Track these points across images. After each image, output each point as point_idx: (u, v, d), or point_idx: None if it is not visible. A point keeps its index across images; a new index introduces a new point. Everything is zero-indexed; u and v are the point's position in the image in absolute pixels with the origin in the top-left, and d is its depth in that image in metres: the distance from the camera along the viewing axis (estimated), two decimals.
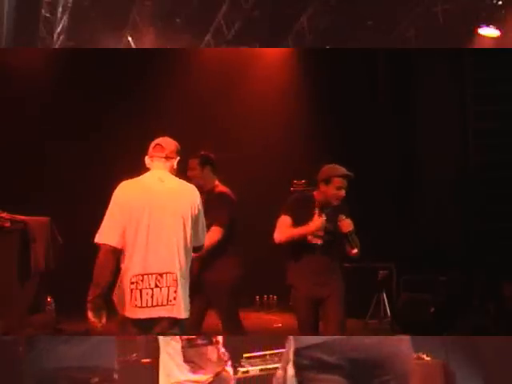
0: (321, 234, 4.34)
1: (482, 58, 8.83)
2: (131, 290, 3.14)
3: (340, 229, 4.39)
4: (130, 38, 9.22)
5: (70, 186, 9.33)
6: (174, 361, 3.63)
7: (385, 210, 9.25)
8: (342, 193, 4.50)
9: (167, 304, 3.14)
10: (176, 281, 3.15)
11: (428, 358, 4.52)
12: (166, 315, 3.14)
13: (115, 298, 3.20)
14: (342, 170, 4.56)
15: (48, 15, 8.65)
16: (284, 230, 4.32)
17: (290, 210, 4.38)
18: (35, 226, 6.85)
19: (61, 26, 8.91)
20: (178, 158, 3.66)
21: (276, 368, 4.31)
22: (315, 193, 4.50)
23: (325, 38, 8.95)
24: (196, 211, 3.33)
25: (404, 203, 9.36)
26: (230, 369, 3.79)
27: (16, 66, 8.95)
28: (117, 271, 3.24)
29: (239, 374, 4.43)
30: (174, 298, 3.15)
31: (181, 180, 3.50)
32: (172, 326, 3.17)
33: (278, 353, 4.44)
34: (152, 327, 3.16)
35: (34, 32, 8.43)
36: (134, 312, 3.14)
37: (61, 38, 9.02)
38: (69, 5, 8.65)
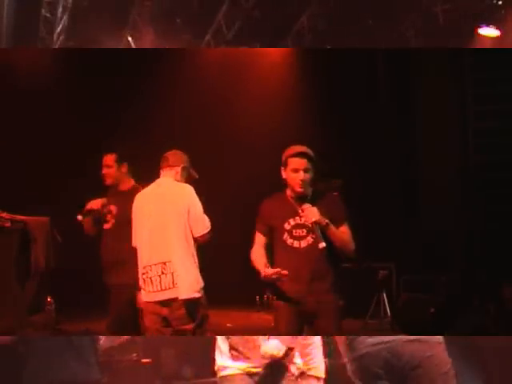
0: (301, 233, 3.56)
1: (482, 57, 8.83)
2: (144, 280, 3.83)
3: (305, 220, 3.50)
4: (129, 38, 9.22)
5: (70, 186, 9.33)
6: (218, 349, 3.35)
7: (385, 210, 9.25)
8: (302, 175, 3.57)
9: (173, 287, 3.74)
10: (175, 267, 3.74)
11: None
12: (173, 296, 3.73)
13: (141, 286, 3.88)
14: (298, 147, 3.70)
15: (48, 15, 8.64)
16: (255, 254, 3.63)
17: (261, 224, 3.68)
18: (35, 225, 6.84)
19: (61, 25, 8.90)
20: (183, 165, 4.15)
21: None
22: (287, 189, 3.71)
23: (325, 37, 8.94)
24: (187, 206, 3.82)
25: (404, 203, 9.37)
26: (295, 361, 3.22)
27: (16, 66, 8.95)
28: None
29: None
30: (175, 282, 3.73)
31: (176, 183, 4.03)
32: (181, 306, 3.73)
33: None
34: (162, 307, 3.77)
35: (34, 32, 8.42)
36: (149, 296, 3.82)
37: (61, 38, 9.01)
38: (69, 5, 8.64)
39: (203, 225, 3.86)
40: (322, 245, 3.46)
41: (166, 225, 3.81)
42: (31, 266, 6.77)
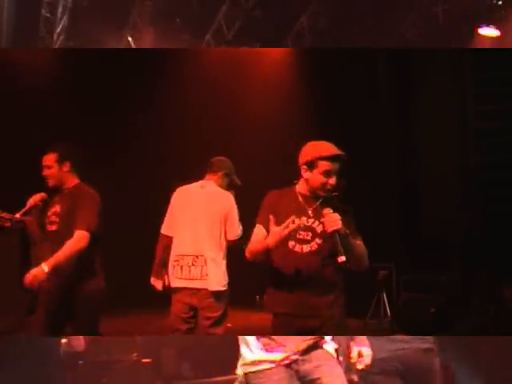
0: (306, 236, 3.20)
1: (482, 57, 8.83)
2: (173, 266, 4.26)
3: (323, 227, 3.09)
4: (129, 38, 9.22)
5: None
6: (243, 343, 3.11)
7: (385, 210, 9.26)
8: (332, 180, 3.23)
9: (201, 278, 4.17)
10: (206, 262, 4.17)
11: None
12: (202, 286, 4.16)
13: (168, 271, 4.31)
14: (331, 148, 3.31)
15: (48, 15, 8.64)
16: (253, 244, 3.25)
17: (264, 217, 3.24)
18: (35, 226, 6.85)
19: (61, 25, 8.90)
20: (225, 171, 4.60)
21: None
22: (297, 185, 3.37)
23: (325, 37, 8.95)
24: (226, 211, 4.29)
25: (404, 203, 9.37)
26: (329, 347, 3.06)
27: (16, 66, 8.96)
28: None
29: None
30: (206, 275, 4.15)
31: (219, 188, 4.46)
32: (209, 296, 4.15)
33: None
34: (192, 296, 4.14)
35: (34, 32, 8.43)
36: (175, 282, 4.25)
37: (61, 38, 9.01)
38: (69, 5, 8.64)
39: (236, 231, 4.32)
40: (342, 259, 2.99)
41: (204, 223, 4.27)
42: (31, 266, 6.78)
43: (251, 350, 3.03)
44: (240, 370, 3.04)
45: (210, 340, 4.75)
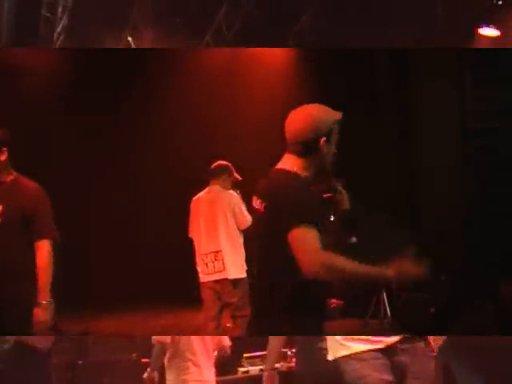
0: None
1: (482, 57, 8.83)
2: (200, 265, 5.09)
3: (338, 206, 2.77)
4: (129, 38, 9.22)
5: (70, 187, 9.34)
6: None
7: (385, 210, 9.25)
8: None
9: (223, 270, 4.96)
10: (224, 255, 4.96)
11: None
12: (223, 277, 4.95)
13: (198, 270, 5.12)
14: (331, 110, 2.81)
15: (48, 15, 8.64)
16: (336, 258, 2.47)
17: (314, 215, 2.53)
18: None
19: (61, 26, 8.90)
20: (226, 175, 5.29)
21: (276, 368, 4.31)
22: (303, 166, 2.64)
23: (325, 37, 8.94)
24: (232, 206, 5.03)
25: (404, 203, 9.37)
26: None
27: (16, 66, 8.96)
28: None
29: (239, 374, 4.43)
30: (225, 266, 4.94)
31: (222, 189, 5.19)
32: (229, 283, 4.94)
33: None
34: (215, 284, 4.91)
35: (34, 32, 8.42)
36: (203, 278, 5.07)
37: (61, 38, 9.01)
38: (69, 5, 8.64)
39: (246, 220, 4.94)
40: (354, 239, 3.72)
41: (216, 222, 5.02)
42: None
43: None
44: (331, 355, 3.06)
45: (210, 340, 4.76)
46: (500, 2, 7.90)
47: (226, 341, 4.13)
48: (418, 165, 9.65)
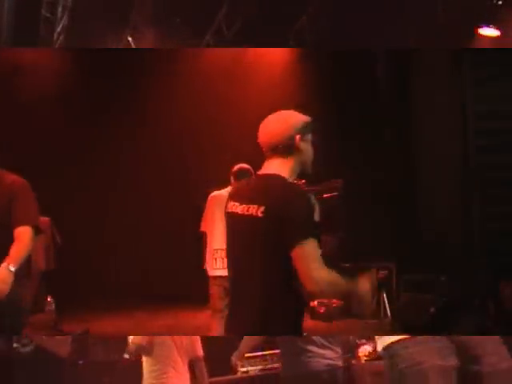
0: None
1: (482, 57, 8.83)
2: (212, 259, 5.19)
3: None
4: (129, 38, 9.22)
5: (70, 186, 9.34)
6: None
7: (385, 210, 9.25)
8: None
9: None
10: None
11: None
12: None
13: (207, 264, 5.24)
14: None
15: (48, 15, 8.63)
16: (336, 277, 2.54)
17: (315, 228, 2.55)
18: None
19: (61, 25, 8.90)
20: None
21: (276, 368, 4.32)
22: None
23: (325, 37, 8.94)
24: None
25: (404, 203, 9.37)
26: None
27: (16, 66, 8.96)
28: None
29: (239, 374, 4.43)
30: None
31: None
32: None
33: (278, 353, 4.43)
34: (224, 283, 4.64)
35: (34, 32, 8.41)
36: (214, 272, 5.17)
37: (61, 38, 9.01)
38: (69, 5, 8.63)
39: None
40: None
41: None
42: (31, 265, 6.77)
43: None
44: (381, 345, 2.99)
45: (210, 340, 4.75)
46: (500, 2, 7.89)
47: (200, 351, 4.14)
48: (418, 165, 9.65)
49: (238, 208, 2.64)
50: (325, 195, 8.96)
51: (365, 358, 4.41)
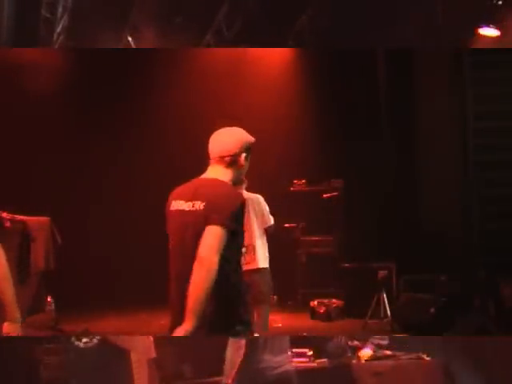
0: None
1: (482, 57, 8.83)
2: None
3: None
4: (129, 38, 9.21)
5: (70, 186, 9.34)
6: None
7: (385, 210, 9.25)
8: None
9: (254, 261, 5.44)
10: (255, 248, 5.47)
11: (428, 358, 4.51)
12: (254, 267, 5.39)
13: None
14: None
15: (48, 15, 8.63)
16: None
17: (233, 223, 3.02)
18: (35, 225, 6.85)
19: (61, 25, 8.90)
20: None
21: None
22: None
23: (325, 38, 8.94)
24: (262, 207, 5.57)
25: (404, 203, 9.37)
26: None
27: (16, 66, 8.96)
28: None
29: None
30: (255, 257, 5.46)
31: (252, 194, 5.54)
32: (256, 272, 5.34)
33: None
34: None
35: (34, 32, 8.41)
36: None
37: (61, 37, 9.01)
38: (69, 5, 8.63)
39: (269, 220, 5.58)
40: None
41: (250, 219, 5.51)
42: (31, 266, 6.78)
43: None
44: None
45: (210, 340, 4.75)
46: (500, 2, 7.89)
47: (153, 353, 4.15)
48: (418, 165, 9.65)
49: (183, 205, 3.04)
50: (325, 195, 8.97)
51: (365, 359, 4.42)
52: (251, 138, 3.30)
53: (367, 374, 4.22)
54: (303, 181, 9.18)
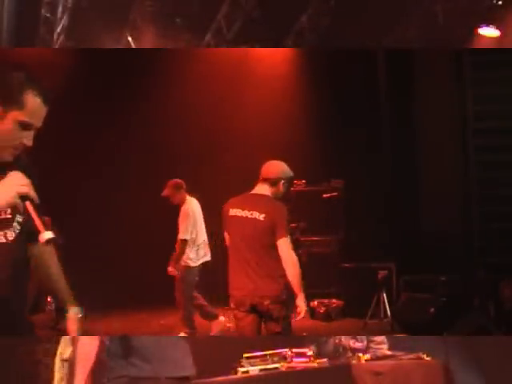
0: None
1: (482, 57, 8.83)
2: None
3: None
4: (129, 38, 9.22)
5: (71, 186, 9.34)
6: None
7: (385, 210, 9.26)
8: None
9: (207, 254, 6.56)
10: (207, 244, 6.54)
11: (428, 358, 4.50)
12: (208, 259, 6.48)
13: None
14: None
15: (48, 15, 8.65)
16: None
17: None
18: None
19: (61, 25, 8.91)
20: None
21: (276, 368, 4.31)
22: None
23: (325, 37, 8.94)
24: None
25: (404, 203, 9.37)
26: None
27: (16, 66, 8.96)
28: None
29: (239, 374, 4.42)
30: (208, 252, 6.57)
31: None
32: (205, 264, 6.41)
33: (278, 353, 4.42)
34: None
35: (34, 32, 8.43)
36: None
37: (61, 37, 9.01)
38: (69, 5, 8.64)
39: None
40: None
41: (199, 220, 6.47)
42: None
43: None
44: None
45: (210, 340, 4.76)
46: (500, 2, 7.89)
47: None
48: (418, 165, 9.65)
49: (241, 213, 4.16)
50: (325, 195, 8.96)
51: (365, 359, 4.41)
52: (290, 173, 4.41)
53: (367, 373, 4.21)
54: (303, 181, 9.17)
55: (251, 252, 4.09)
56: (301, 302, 4.10)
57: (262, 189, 4.26)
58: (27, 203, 2.15)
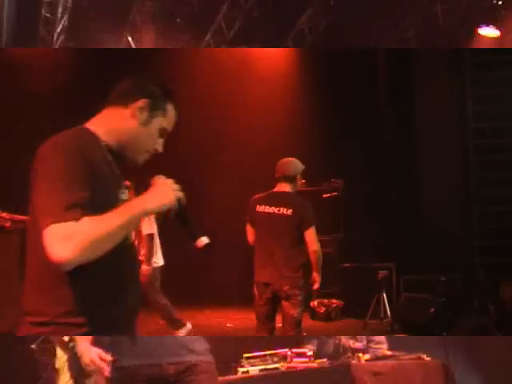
0: None
1: (482, 58, 8.84)
2: None
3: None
4: (129, 38, 9.22)
5: None
6: None
7: (385, 210, 9.26)
8: None
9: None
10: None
11: (428, 358, 4.51)
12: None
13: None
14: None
15: (48, 15, 8.64)
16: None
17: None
18: None
19: (61, 25, 8.90)
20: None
21: (276, 368, 4.32)
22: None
23: (325, 38, 8.95)
24: None
25: (404, 203, 9.37)
26: None
27: (16, 66, 8.96)
28: None
29: (239, 374, 4.42)
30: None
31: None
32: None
33: (278, 353, 4.43)
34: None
35: (34, 32, 8.43)
36: None
37: (61, 38, 9.01)
38: (69, 5, 8.64)
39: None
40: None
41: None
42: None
43: None
44: None
45: (210, 340, 4.75)
46: (500, 2, 7.89)
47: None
48: (419, 165, 9.65)
49: (268, 209, 4.59)
50: (325, 195, 8.96)
51: (365, 359, 4.42)
52: (302, 167, 4.78)
53: (367, 374, 4.21)
54: (303, 181, 9.17)
55: (279, 244, 4.53)
56: (317, 276, 4.70)
57: (283, 186, 4.69)
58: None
